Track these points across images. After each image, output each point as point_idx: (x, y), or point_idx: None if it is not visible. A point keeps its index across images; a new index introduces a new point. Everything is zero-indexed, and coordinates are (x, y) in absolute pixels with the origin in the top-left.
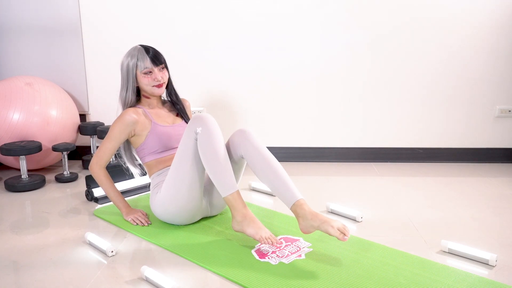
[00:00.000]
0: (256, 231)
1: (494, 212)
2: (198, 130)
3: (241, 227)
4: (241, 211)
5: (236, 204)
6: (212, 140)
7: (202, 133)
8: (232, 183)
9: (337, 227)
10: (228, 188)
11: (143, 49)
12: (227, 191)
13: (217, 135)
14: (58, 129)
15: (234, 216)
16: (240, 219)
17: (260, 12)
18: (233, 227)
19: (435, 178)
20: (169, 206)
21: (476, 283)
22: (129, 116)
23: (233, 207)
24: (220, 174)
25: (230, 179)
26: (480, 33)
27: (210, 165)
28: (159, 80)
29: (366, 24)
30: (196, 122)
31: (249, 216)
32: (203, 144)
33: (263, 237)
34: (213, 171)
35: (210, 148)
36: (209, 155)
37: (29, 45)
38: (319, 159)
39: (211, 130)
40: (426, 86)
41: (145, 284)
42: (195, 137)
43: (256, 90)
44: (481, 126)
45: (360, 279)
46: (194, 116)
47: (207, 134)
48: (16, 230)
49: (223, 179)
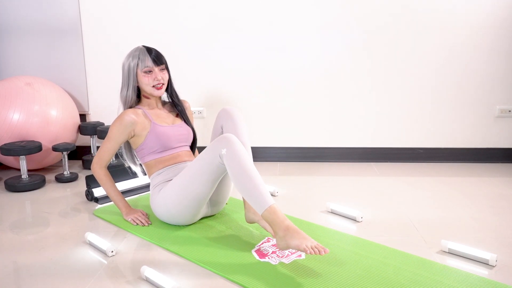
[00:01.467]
0: (301, 241)
1: (494, 212)
2: (223, 151)
3: (285, 242)
4: (282, 225)
5: (275, 218)
6: (240, 160)
7: (228, 154)
8: (266, 198)
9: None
10: (263, 204)
11: (145, 49)
12: (262, 207)
13: (243, 154)
14: (58, 129)
15: (276, 233)
16: (283, 234)
17: (260, 12)
18: (278, 246)
19: (435, 178)
20: (172, 208)
21: (476, 283)
22: (128, 117)
23: (273, 223)
24: (253, 193)
25: (263, 195)
26: (480, 33)
27: (241, 185)
28: (159, 80)
29: (366, 25)
30: (220, 143)
31: (291, 228)
32: (231, 165)
33: (309, 246)
34: (246, 191)
35: (239, 168)
36: (239, 176)
37: (29, 45)
38: (319, 159)
39: (237, 150)
40: (426, 86)
41: (145, 284)
42: (219, 157)
43: (256, 90)
44: (481, 126)
45: (360, 279)
46: (219, 137)
47: (233, 155)
48: (16, 230)
49: (257, 196)
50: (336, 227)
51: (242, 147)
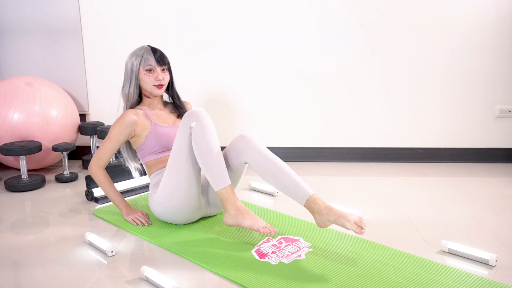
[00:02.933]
0: (253, 222)
1: (494, 212)
2: (192, 124)
3: (235, 220)
4: (235, 204)
5: (229, 197)
6: (206, 135)
7: (196, 128)
8: (224, 177)
9: (353, 221)
10: (221, 182)
11: (150, 48)
12: (220, 184)
13: (211, 130)
14: (58, 129)
15: (227, 210)
16: (234, 212)
17: (260, 11)
18: (226, 222)
19: (435, 178)
20: (167, 204)
21: (476, 283)
22: (129, 117)
23: (226, 201)
24: (213, 168)
25: (223, 173)
26: (480, 33)
27: (203, 160)
28: (160, 79)
29: (366, 24)
30: (190, 117)
31: (242, 209)
32: (196, 139)
33: (261, 226)
34: (206, 165)
35: (203, 143)
36: (202, 149)
37: (29, 45)
38: (319, 159)
39: (205, 125)
40: (426, 86)
41: (145, 284)
42: (190, 132)
43: (256, 89)
44: (481, 126)
45: (360, 279)
46: (188, 112)
47: (201, 129)
48: (16, 230)
49: (216, 173)
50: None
51: (211, 123)
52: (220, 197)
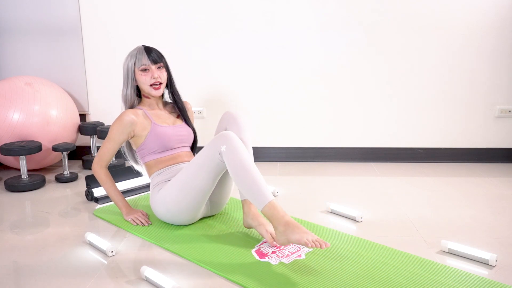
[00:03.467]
0: (301, 236)
1: (494, 212)
2: (222, 148)
3: (285, 237)
4: (283, 220)
5: (275, 213)
6: (240, 156)
7: (227, 151)
8: (265, 194)
9: (270, 231)
10: (263, 199)
11: (144, 48)
12: (262, 203)
13: (243, 150)
14: (58, 129)
15: (276, 228)
16: (283, 229)
17: (260, 11)
18: (278, 241)
19: (435, 178)
20: (172, 207)
21: (476, 283)
22: (128, 117)
23: (272, 218)
24: (252, 189)
25: (263, 191)
26: (480, 33)
27: (242, 182)
28: (156, 78)
29: (367, 25)
30: (219, 140)
31: (292, 224)
32: (231, 162)
33: (310, 240)
34: (246, 187)
35: (239, 165)
36: (240, 173)
37: (29, 45)
38: (319, 159)
39: (236, 147)
40: (426, 86)
41: (145, 284)
42: (219, 155)
43: (256, 89)
44: (481, 126)
45: (360, 279)
46: (218, 135)
47: (233, 151)
48: (16, 230)
49: (256, 192)
50: (336, 227)
51: (241, 143)
52: (266, 216)
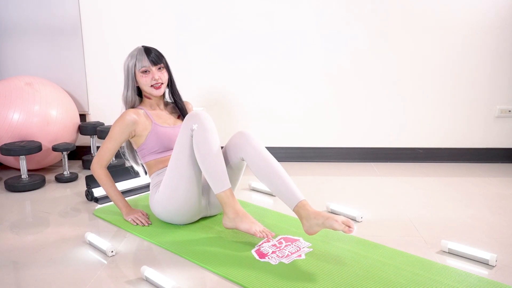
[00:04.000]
0: (250, 226)
1: (494, 212)
2: (194, 126)
3: (233, 224)
4: (234, 208)
5: (229, 201)
6: (207, 137)
7: (197, 130)
8: (224, 180)
9: (341, 221)
10: (221, 185)
11: (144, 49)
12: (220, 188)
13: (212, 132)
14: (58, 129)
15: (226, 213)
16: (233, 216)
17: (261, 12)
18: (225, 224)
19: (435, 178)
20: (167, 204)
21: (476, 283)
22: (129, 116)
23: (225, 204)
24: (213, 171)
25: (223, 177)
26: (480, 33)
27: (204, 162)
28: (156, 79)
29: (367, 25)
30: (192, 119)
31: (241, 212)
32: (198, 141)
33: (258, 230)
34: (207, 168)
35: (205, 145)
36: (203, 152)
37: (29, 45)
38: (319, 159)
39: (207, 127)
40: (426, 86)
41: (145, 284)
42: (191, 134)
43: (256, 89)
44: (481, 126)
45: (360, 279)
46: (190, 113)
47: (203, 131)
48: (16, 230)
49: (216, 176)
50: None
51: (212, 125)
52: (219, 200)
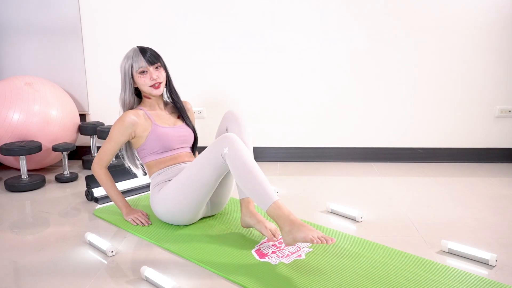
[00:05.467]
0: (307, 234)
1: (494, 212)
2: (225, 150)
3: (292, 236)
4: (288, 219)
5: (280, 213)
6: (242, 158)
7: (230, 153)
8: (270, 195)
9: (269, 228)
10: (267, 200)
11: (139, 49)
12: (267, 203)
13: (245, 152)
14: (58, 129)
15: (282, 228)
16: (289, 228)
17: (261, 13)
18: (285, 241)
19: (435, 178)
20: (172, 207)
21: (476, 283)
22: (129, 118)
23: (277, 218)
24: (257, 190)
25: (268, 191)
26: (480, 33)
27: (246, 183)
28: (155, 79)
29: (366, 25)
30: (222, 142)
31: (297, 222)
32: (234, 164)
33: (315, 236)
34: (250, 189)
35: (242, 167)
36: (243, 174)
37: (29, 45)
38: (319, 159)
39: (238, 149)
40: (426, 86)
41: (145, 284)
42: (221, 156)
43: (256, 89)
44: (481, 126)
45: (360, 279)
46: (220, 137)
47: (235, 153)
48: (16, 230)
49: (260, 193)
50: (336, 227)
51: (243, 145)
52: (271, 216)
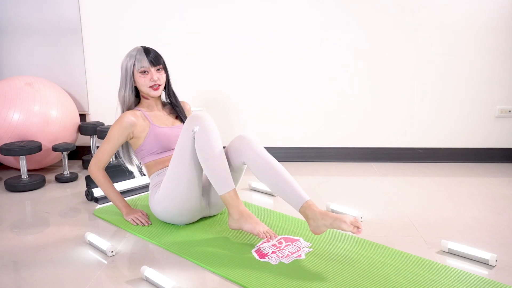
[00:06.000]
0: (254, 226)
1: (494, 212)
2: (195, 128)
3: (238, 224)
4: (238, 208)
5: (233, 202)
6: (210, 139)
7: (199, 132)
8: (228, 182)
9: (349, 221)
10: (225, 186)
11: (143, 49)
12: (224, 189)
13: (215, 134)
14: (58, 129)
15: (230, 214)
16: (237, 217)
17: (260, 13)
18: (230, 225)
19: (435, 178)
20: (167, 205)
21: (476, 283)
22: (128, 118)
23: (229, 205)
24: (217, 173)
25: (226, 178)
26: (481, 33)
27: (207, 164)
28: (155, 80)
29: (366, 25)
30: (193, 121)
31: (246, 213)
32: (200, 143)
33: (261, 231)
34: (210, 170)
35: (207, 147)
36: (206, 154)
37: (29, 45)
38: (319, 159)
39: (209, 129)
40: (426, 86)
41: (145, 284)
42: (193, 136)
43: (256, 89)
44: (481, 126)
45: (360, 279)
46: (192, 115)
47: (205, 133)
48: (16, 230)
49: (220, 177)
50: None
51: (214, 127)
52: (224, 201)
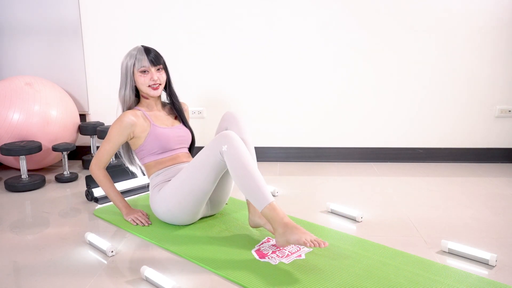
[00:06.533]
0: (300, 236)
1: (494, 212)
2: (223, 148)
3: (285, 238)
4: (282, 221)
5: (274, 215)
6: (240, 157)
7: (228, 152)
8: (266, 195)
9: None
10: (263, 201)
11: (143, 48)
12: (262, 204)
13: (244, 151)
14: (58, 129)
15: (276, 229)
16: (282, 230)
17: (260, 12)
18: (277, 243)
19: (435, 178)
20: (172, 207)
21: (476, 283)
22: (128, 118)
23: (271, 220)
24: (252, 189)
25: (264, 192)
26: (481, 33)
27: (242, 182)
28: (155, 80)
29: (367, 25)
30: (221, 140)
31: (290, 225)
32: (232, 162)
33: (308, 240)
34: (246, 188)
35: (240, 166)
36: (240, 173)
37: (29, 45)
38: (319, 159)
39: (237, 147)
40: (426, 86)
41: (145, 284)
42: (220, 154)
43: (256, 89)
44: (481, 126)
45: (360, 279)
46: (219, 134)
47: (234, 151)
48: (16, 230)
49: (256, 194)
50: (336, 227)
51: (242, 144)
52: (266, 217)
